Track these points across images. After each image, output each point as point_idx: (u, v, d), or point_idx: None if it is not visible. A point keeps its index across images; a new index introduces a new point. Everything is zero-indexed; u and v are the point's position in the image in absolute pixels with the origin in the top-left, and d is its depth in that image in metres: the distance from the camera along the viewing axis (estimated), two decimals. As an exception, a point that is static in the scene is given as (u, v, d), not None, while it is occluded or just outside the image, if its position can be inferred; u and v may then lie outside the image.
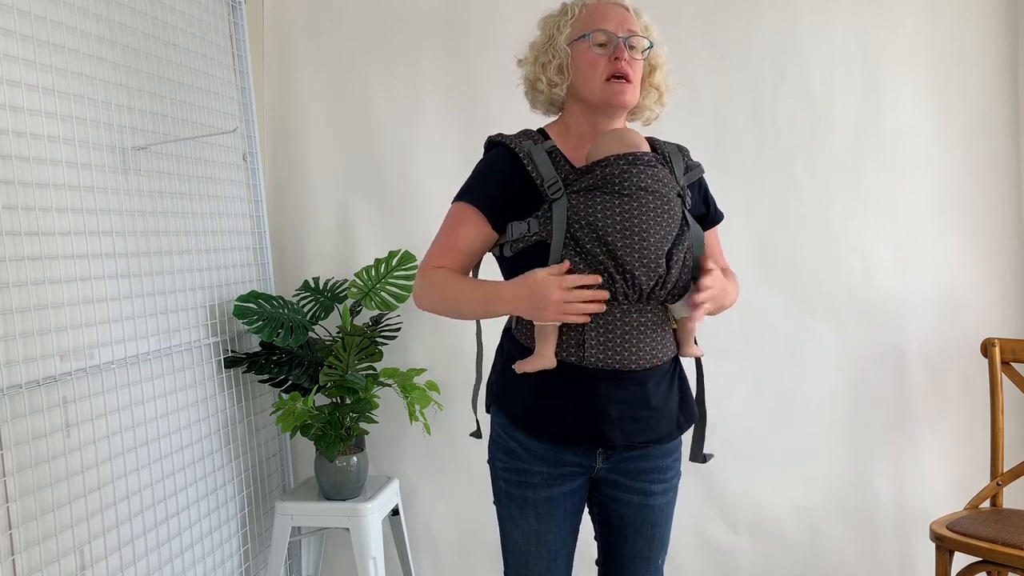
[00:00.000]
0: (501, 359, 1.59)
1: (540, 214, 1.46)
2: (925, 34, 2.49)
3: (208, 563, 2.25)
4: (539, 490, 1.53)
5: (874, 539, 2.57)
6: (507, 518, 1.59)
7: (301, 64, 2.68)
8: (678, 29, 2.56)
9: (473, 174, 1.57)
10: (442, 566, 2.71)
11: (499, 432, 1.58)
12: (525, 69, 1.60)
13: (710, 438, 2.57)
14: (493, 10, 2.60)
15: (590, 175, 1.46)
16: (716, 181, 2.57)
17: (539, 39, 1.58)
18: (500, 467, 1.58)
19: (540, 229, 1.45)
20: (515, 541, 1.59)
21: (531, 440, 1.52)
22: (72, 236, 1.79)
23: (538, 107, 1.62)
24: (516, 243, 1.48)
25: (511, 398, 1.55)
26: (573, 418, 1.48)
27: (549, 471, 1.53)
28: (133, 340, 1.98)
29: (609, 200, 1.43)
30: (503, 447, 1.57)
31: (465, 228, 1.52)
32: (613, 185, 1.44)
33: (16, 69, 1.67)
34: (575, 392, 1.47)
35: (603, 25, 1.50)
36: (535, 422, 1.52)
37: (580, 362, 1.45)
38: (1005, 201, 2.49)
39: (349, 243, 2.69)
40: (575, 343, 1.45)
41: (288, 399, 2.28)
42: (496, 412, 1.59)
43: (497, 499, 1.61)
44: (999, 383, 2.31)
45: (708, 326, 2.58)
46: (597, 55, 1.49)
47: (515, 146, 1.51)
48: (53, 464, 1.71)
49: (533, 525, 1.55)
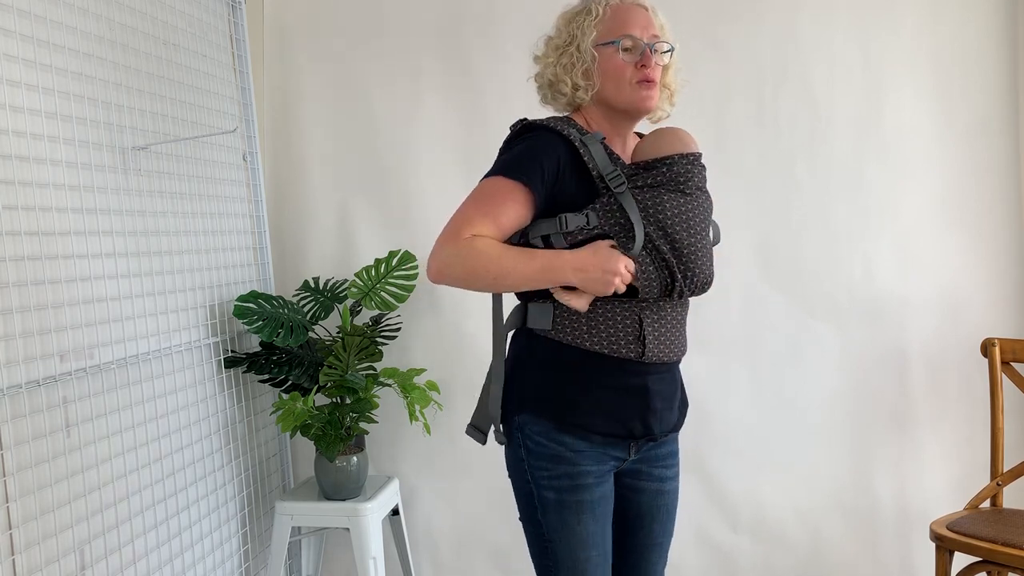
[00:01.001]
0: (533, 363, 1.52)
1: (599, 207, 1.44)
2: (926, 34, 2.49)
3: (208, 563, 2.25)
4: (594, 491, 1.49)
5: (874, 539, 2.57)
6: (560, 528, 1.48)
7: (301, 64, 2.68)
8: (679, 29, 2.52)
9: (516, 154, 1.47)
10: (442, 566, 2.71)
11: (538, 440, 1.49)
12: (543, 67, 1.57)
13: (710, 438, 2.60)
14: (493, 10, 2.60)
15: (654, 172, 1.47)
16: (717, 181, 2.57)
17: (560, 38, 1.54)
18: (546, 476, 1.48)
19: (600, 222, 1.43)
20: (570, 551, 1.49)
21: (578, 440, 1.47)
22: (72, 236, 1.79)
23: (553, 105, 1.60)
24: (572, 235, 1.44)
25: (555, 400, 1.48)
26: (627, 413, 1.48)
27: (598, 468, 1.49)
28: (133, 340, 1.98)
29: (675, 199, 1.46)
30: (547, 454, 1.48)
31: (509, 205, 1.43)
32: (678, 183, 1.47)
33: (16, 69, 1.67)
34: (629, 387, 1.48)
35: (630, 31, 1.49)
36: (588, 420, 1.47)
37: (640, 357, 1.46)
38: (1005, 201, 2.49)
39: (349, 243, 2.69)
40: (634, 338, 1.46)
41: (288, 399, 2.28)
42: (531, 420, 1.49)
43: (542, 511, 1.50)
44: (999, 383, 2.31)
45: (708, 326, 2.60)
46: (624, 61, 1.49)
47: (568, 133, 1.46)
48: (53, 464, 1.71)
49: (591, 528, 1.49)
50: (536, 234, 1.47)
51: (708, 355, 2.58)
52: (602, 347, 1.46)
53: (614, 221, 1.43)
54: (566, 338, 1.47)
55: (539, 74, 1.59)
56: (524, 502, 1.53)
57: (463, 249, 1.41)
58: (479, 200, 1.45)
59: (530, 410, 1.50)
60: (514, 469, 1.54)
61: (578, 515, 1.48)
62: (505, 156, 1.49)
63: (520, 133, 1.52)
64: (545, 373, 1.49)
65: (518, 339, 1.56)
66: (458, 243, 1.41)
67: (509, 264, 1.41)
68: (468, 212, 1.44)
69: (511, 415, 1.52)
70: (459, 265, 1.41)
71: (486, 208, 1.43)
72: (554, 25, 1.58)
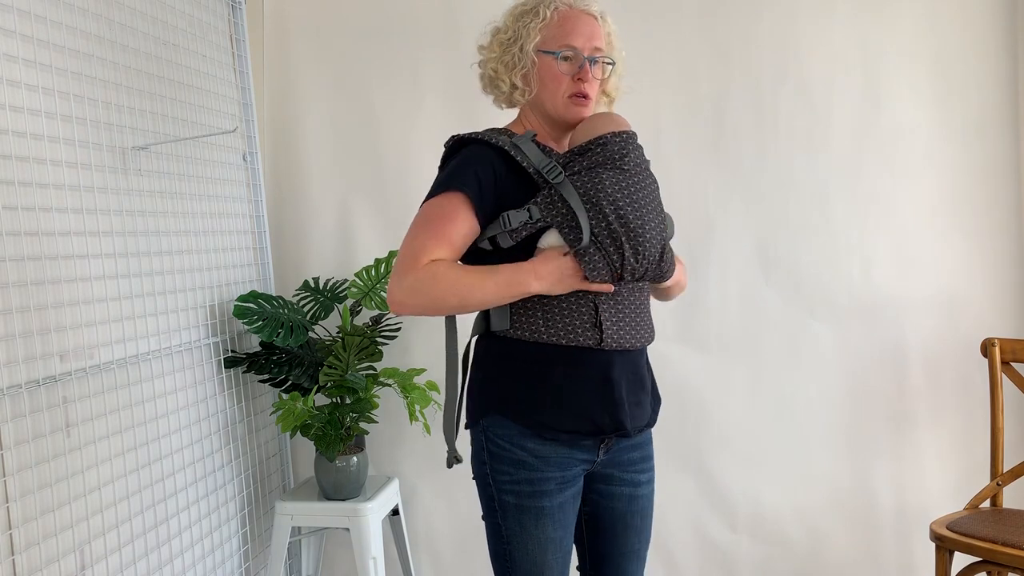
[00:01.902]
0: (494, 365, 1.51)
1: (540, 200, 1.43)
2: (925, 34, 2.48)
3: (208, 563, 2.25)
4: (554, 497, 1.48)
5: (874, 539, 2.57)
6: (518, 533, 1.49)
7: (301, 64, 2.69)
8: (678, 28, 2.56)
9: (449, 170, 1.48)
10: (442, 566, 2.71)
11: (501, 444, 1.48)
12: (486, 58, 1.58)
13: (709, 437, 2.60)
14: (493, 11, 2.59)
15: (589, 154, 1.46)
16: (716, 181, 2.59)
17: (506, 33, 1.55)
18: (507, 480, 1.48)
19: (543, 215, 1.43)
20: (528, 554, 1.49)
21: (543, 445, 1.46)
22: (72, 236, 1.79)
23: (491, 97, 1.61)
24: (516, 232, 1.43)
25: (519, 400, 1.47)
26: (592, 407, 1.46)
27: (562, 475, 1.48)
28: (133, 340, 1.98)
29: (615, 175, 1.44)
30: (509, 459, 1.47)
31: (457, 221, 1.43)
32: (615, 161, 1.45)
33: (16, 69, 1.67)
34: (591, 377, 1.46)
35: (572, 41, 1.49)
36: (553, 419, 1.45)
37: (598, 344, 1.45)
38: (1005, 201, 2.49)
39: (349, 243, 2.70)
40: (590, 324, 1.44)
41: (288, 399, 2.28)
42: (495, 424, 1.49)
43: (502, 515, 1.50)
44: (999, 383, 2.31)
45: (707, 325, 2.60)
46: (561, 72, 1.50)
47: (494, 140, 1.47)
48: (53, 464, 1.71)
49: (550, 534, 1.48)
50: (482, 238, 1.46)
51: (707, 354, 2.59)
52: (559, 338, 1.45)
53: (556, 211, 1.42)
54: (524, 334, 1.46)
55: (482, 62, 1.60)
56: (485, 504, 1.53)
57: (423, 276, 1.40)
58: (426, 224, 1.44)
59: (495, 412, 1.49)
60: (477, 472, 1.54)
61: (537, 520, 1.48)
62: (440, 176, 1.50)
63: (453, 150, 1.53)
64: (506, 373, 1.49)
65: (480, 343, 1.55)
66: (417, 272, 1.40)
67: (471, 284, 1.40)
68: (419, 238, 1.43)
69: (477, 419, 1.52)
70: (422, 294, 1.40)
71: (434, 230, 1.43)
72: (503, 17, 1.58)
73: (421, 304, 1.42)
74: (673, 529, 2.63)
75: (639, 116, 1.73)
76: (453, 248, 1.43)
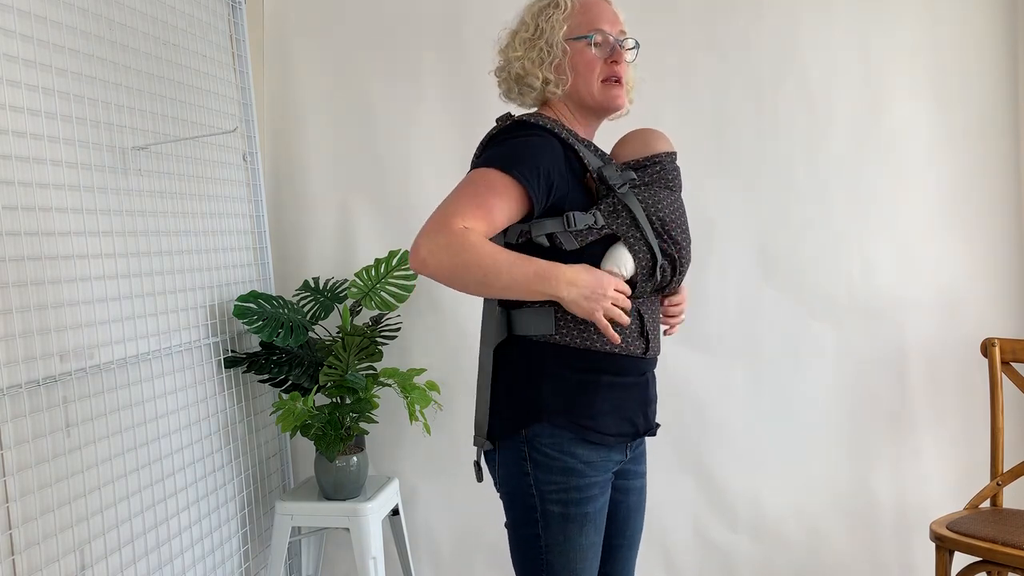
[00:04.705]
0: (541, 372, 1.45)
1: (604, 207, 1.42)
2: (925, 34, 2.48)
3: (208, 563, 2.25)
4: (598, 501, 1.46)
5: (874, 539, 2.57)
6: (560, 542, 1.44)
7: (301, 64, 2.69)
8: (678, 28, 2.56)
9: (513, 150, 1.39)
10: (442, 566, 2.71)
11: (549, 453, 1.43)
12: (508, 61, 1.54)
13: (709, 437, 2.60)
14: (493, 10, 2.59)
15: (648, 170, 1.50)
16: (716, 181, 2.59)
17: (527, 31, 1.52)
18: (553, 490, 1.43)
19: (608, 222, 1.42)
20: (568, 562, 1.45)
21: (590, 451, 1.44)
22: (72, 236, 1.79)
23: (519, 100, 1.57)
24: (581, 235, 1.40)
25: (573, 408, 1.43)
26: (633, 411, 1.50)
27: (604, 479, 1.47)
28: (133, 340, 1.98)
29: (667, 195, 1.49)
30: (559, 468, 1.42)
31: (504, 201, 1.35)
32: (668, 181, 1.50)
33: (16, 69, 1.67)
34: (634, 384, 1.50)
35: (601, 25, 1.49)
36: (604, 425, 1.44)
37: (644, 353, 1.48)
38: (1005, 201, 2.49)
39: (349, 243, 2.69)
40: (638, 334, 1.47)
41: (288, 399, 2.28)
42: (542, 433, 1.43)
43: (544, 525, 1.44)
44: (999, 383, 2.31)
45: (708, 326, 2.60)
46: (595, 56, 1.49)
47: (562, 133, 1.44)
48: (53, 464, 1.71)
49: (592, 539, 1.46)
50: (540, 232, 1.40)
51: (707, 355, 2.58)
52: (613, 346, 1.44)
53: (620, 221, 1.42)
54: (574, 341, 1.43)
55: (502, 68, 1.57)
56: (520, 515, 1.47)
57: (455, 240, 1.29)
58: (473, 191, 1.35)
59: (545, 421, 1.43)
60: (514, 484, 1.47)
61: (582, 527, 1.44)
62: (500, 149, 1.40)
63: (511, 129, 1.45)
64: (558, 381, 1.43)
65: (509, 349, 1.48)
66: (450, 233, 1.30)
67: (503, 263, 1.31)
68: (461, 201, 1.33)
69: (517, 428, 1.45)
70: (449, 257, 1.29)
71: (480, 200, 1.33)
72: (518, 18, 1.56)
73: (443, 267, 1.31)
74: (673, 529, 2.63)
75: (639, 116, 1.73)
76: (491, 224, 1.34)
